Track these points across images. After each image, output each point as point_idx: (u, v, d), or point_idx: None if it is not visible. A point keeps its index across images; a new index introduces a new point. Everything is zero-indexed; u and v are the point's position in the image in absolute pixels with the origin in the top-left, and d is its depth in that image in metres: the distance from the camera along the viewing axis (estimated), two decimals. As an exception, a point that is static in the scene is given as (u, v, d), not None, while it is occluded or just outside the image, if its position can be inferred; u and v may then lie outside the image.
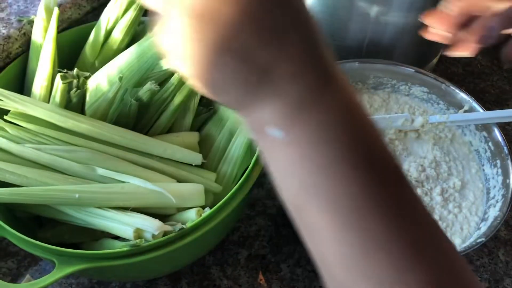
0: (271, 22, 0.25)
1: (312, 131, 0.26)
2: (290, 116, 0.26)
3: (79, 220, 0.52)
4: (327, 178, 0.26)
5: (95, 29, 0.63)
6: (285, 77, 0.25)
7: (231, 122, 0.59)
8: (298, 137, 0.26)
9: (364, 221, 0.27)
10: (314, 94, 0.26)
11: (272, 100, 0.26)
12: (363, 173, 0.26)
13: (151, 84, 0.55)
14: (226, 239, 0.67)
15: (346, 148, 0.26)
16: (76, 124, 0.54)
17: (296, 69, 0.25)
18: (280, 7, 0.25)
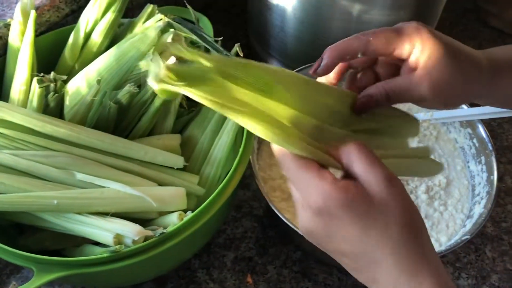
0: (363, 257, 0.35)
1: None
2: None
3: (58, 226, 0.51)
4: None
5: (74, 32, 0.62)
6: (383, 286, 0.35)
7: (213, 123, 0.58)
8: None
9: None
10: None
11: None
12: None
13: (130, 86, 0.54)
14: (212, 241, 0.66)
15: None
16: (55, 128, 0.53)
17: (388, 280, 0.35)
18: (369, 247, 0.35)
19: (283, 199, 0.64)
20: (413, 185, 0.64)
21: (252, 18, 0.80)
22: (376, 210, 0.34)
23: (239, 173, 0.53)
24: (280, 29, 0.73)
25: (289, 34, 0.72)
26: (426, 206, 0.63)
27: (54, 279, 0.46)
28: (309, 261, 0.65)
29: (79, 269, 0.47)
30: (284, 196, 0.64)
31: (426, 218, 0.62)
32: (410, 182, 0.65)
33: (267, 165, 0.67)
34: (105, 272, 0.47)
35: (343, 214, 0.34)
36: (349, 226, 0.34)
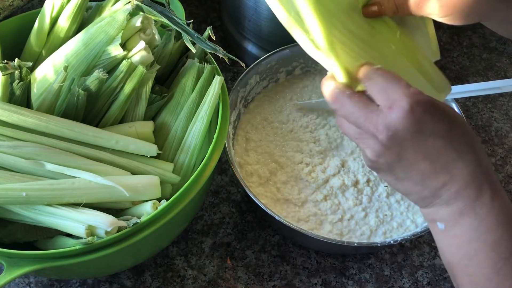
0: (442, 157, 0.37)
1: (468, 231, 0.37)
2: (453, 219, 0.38)
3: (28, 219, 0.49)
4: (473, 266, 0.38)
5: (40, 17, 0.60)
6: (451, 195, 0.37)
7: (187, 109, 0.57)
8: (458, 234, 0.38)
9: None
10: (472, 205, 0.37)
11: (441, 207, 0.38)
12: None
13: (99, 72, 0.52)
14: (189, 228, 0.66)
15: (489, 246, 0.37)
16: (21, 118, 0.51)
17: (460, 187, 0.37)
18: (451, 142, 0.37)
19: (260, 184, 0.63)
20: (390, 166, 0.65)
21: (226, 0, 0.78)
22: (454, 113, 0.38)
23: (214, 159, 0.53)
24: (254, 11, 0.71)
25: (263, 16, 0.71)
26: (403, 188, 0.63)
27: (25, 273, 0.45)
28: (288, 245, 0.65)
29: (51, 262, 0.46)
30: (261, 181, 0.63)
31: (402, 199, 0.63)
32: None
33: (243, 150, 0.66)
34: (78, 264, 0.47)
35: (433, 110, 0.36)
36: (439, 120, 0.37)
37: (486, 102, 0.81)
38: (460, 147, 0.37)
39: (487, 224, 0.37)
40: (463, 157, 0.37)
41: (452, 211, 0.38)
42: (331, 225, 0.60)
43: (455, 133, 0.37)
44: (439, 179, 0.37)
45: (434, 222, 0.39)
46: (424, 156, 0.37)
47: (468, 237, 0.38)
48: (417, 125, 0.36)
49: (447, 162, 0.37)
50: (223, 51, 0.57)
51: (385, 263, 0.64)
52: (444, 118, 0.37)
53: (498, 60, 0.87)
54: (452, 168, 0.37)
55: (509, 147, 0.76)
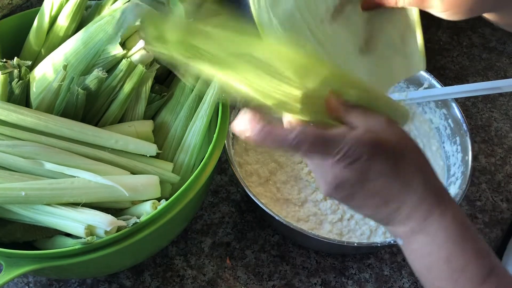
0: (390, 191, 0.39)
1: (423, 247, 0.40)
2: (409, 237, 0.40)
3: (27, 218, 0.49)
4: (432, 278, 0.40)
5: (39, 15, 0.60)
6: (403, 217, 0.39)
7: (186, 108, 0.57)
8: (415, 249, 0.40)
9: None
10: (423, 224, 0.39)
11: (398, 226, 0.40)
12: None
13: (98, 71, 0.52)
14: (189, 228, 0.65)
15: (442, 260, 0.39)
16: (21, 117, 0.51)
17: (411, 210, 0.39)
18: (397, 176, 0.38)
19: (260, 184, 0.63)
20: (390, 166, 0.64)
21: None
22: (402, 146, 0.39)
23: (213, 159, 0.52)
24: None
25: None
26: (402, 187, 0.63)
27: (24, 273, 0.45)
28: (287, 244, 0.64)
29: (50, 262, 0.46)
30: (261, 181, 0.63)
31: (402, 199, 0.62)
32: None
33: (243, 149, 0.66)
34: (78, 264, 0.46)
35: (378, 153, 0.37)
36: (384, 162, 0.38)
37: (486, 102, 0.81)
38: (406, 177, 0.39)
39: (437, 240, 0.39)
40: (410, 185, 0.39)
41: (406, 230, 0.40)
42: (331, 225, 0.60)
43: (401, 166, 0.38)
44: (391, 207, 0.39)
45: (396, 237, 0.42)
46: (373, 194, 0.39)
47: (423, 252, 0.40)
48: (362, 175, 0.38)
49: (396, 194, 0.39)
50: (223, 50, 0.56)
51: (385, 263, 0.64)
52: (388, 156, 0.38)
53: (498, 60, 0.87)
54: (401, 197, 0.39)
55: (509, 147, 0.76)
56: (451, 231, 0.39)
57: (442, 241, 0.39)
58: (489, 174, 0.73)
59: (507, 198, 0.70)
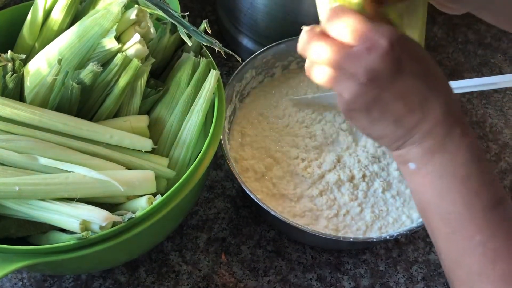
0: (417, 96, 0.37)
1: (439, 168, 0.39)
2: (424, 158, 0.39)
3: (21, 213, 0.49)
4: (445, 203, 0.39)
5: (33, 9, 0.59)
6: (423, 133, 0.38)
7: (182, 103, 0.57)
8: (430, 171, 0.39)
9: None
10: (442, 141, 0.38)
11: (413, 146, 0.39)
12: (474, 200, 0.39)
13: (93, 65, 0.51)
14: (184, 223, 0.65)
15: (459, 181, 0.39)
16: (14, 111, 0.50)
17: (432, 125, 0.38)
18: (425, 81, 0.37)
19: (256, 179, 0.63)
20: (385, 162, 0.64)
21: (221, -7, 0.78)
22: (433, 62, 0.38)
23: (209, 154, 0.52)
24: (250, 5, 0.71)
25: (259, 10, 0.70)
26: (398, 183, 0.63)
27: (17, 268, 0.44)
28: (283, 240, 0.64)
29: (44, 257, 0.45)
30: (257, 176, 0.63)
31: (398, 195, 0.63)
32: (382, 159, 0.65)
33: (238, 145, 0.66)
34: (72, 259, 0.46)
35: (410, 49, 0.37)
36: (416, 59, 0.37)
37: (480, 98, 0.81)
38: (434, 87, 0.38)
39: (457, 159, 0.38)
40: (436, 97, 0.38)
41: (423, 149, 0.39)
42: (326, 221, 0.60)
43: (429, 73, 0.38)
44: (413, 118, 0.38)
45: (406, 163, 0.40)
46: (401, 95, 0.38)
47: (439, 173, 0.39)
48: (396, 64, 0.36)
49: (421, 102, 0.38)
50: (219, 44, 0.56)
51: (380, 258, 0.64)
52: (419, 58, 0.38)
53: (492, 56, 0.87)
54: (426, 107, 0.38)
55: (504, 143, 0.76)
56: (471, 151, 0.38)
57: (462, 160, 0.38)
58: (484, 170, 0.73)
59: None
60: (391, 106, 0.38)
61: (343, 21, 0.37)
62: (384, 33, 0.36)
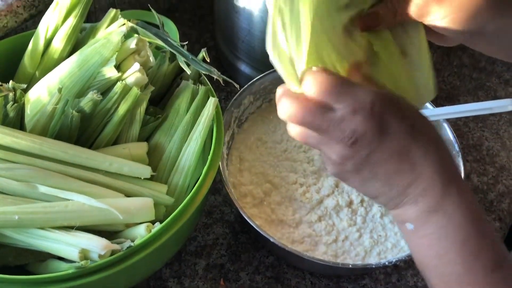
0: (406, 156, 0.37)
1: (437, 230, 0.38)
2: (421, 219, 0.38)
3: (20, 242, 0.49)
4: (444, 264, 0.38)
5: (34, 38, 0.60)
6: (418, 194, 0.37)
7: (181, 130, 0.57)
8: (428, 233, 0.38)
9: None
10: (439, 202, 0.37)
11: (409, 207, 0.38)
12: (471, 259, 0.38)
13: (93, 94, 0.52)
14: (183, 249, 0.65)
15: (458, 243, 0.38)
16: (15, 140, 0.51)
17: (427, 185, 0.37)
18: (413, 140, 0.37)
19: (254, 205, 0.63)
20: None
21: (219, 20, 0.79)
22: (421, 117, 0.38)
23: (208, 181, 0.52)
24: (248, 32, 0.72)
25: (256, 37, 0.71)
26: (396, 208, 0.63)
27: (15, 298, 0.44)
28: (282, 266, 0.64)
29: (43, 286, 0.45)
30: (255, 202, 0.63)
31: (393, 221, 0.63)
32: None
33: (237, 170, 0.66)
34: (71, 288, 0.46)
35: (393, 110, 0.36)
36: (400, 119, 0.36)
37: (477, 121, 0.82)
38: (424, 145, 0.37)
39: (455, 221, 0.37)
40: (427, 155, 0.37)
41: (420, 210, 0.38)
42: (325, 246, 0.60)
43: (418, 131, 0.37)
44: (405, 178, 0.37)
45: (404, 223, 0.39)
46: (390, 155, 0.37)
47: (438, 235, 0.38)
48: (380, 125, 0.36)
49: (412, 161, 0.37)
50: (217, 72, 0.57)
51: (380, 283, 0.63)
52: (405, 116, 0.37)
53: (488, 80, 0.88)
54: (418, 167, 0.37)
55: (500, 166, 0.76)
56: (469, 211, 0.37)
57: (460, 221, 0.37)
58: (481, 193, 0.73)
59: (500, 217, 0.71)
60: (381, 167, 0.37)
61: (323, 83, 0.36)
62: (365, 95, 0.36)
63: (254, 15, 0.69)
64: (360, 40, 0.42)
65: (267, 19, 0.38)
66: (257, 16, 0.69)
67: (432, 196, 0.37)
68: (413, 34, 0.44)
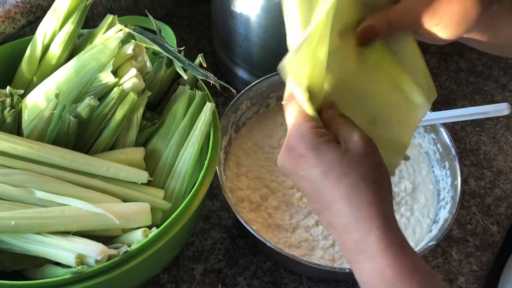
0: (319, 201, 0.39)
1: (359, 275, 0.39)
2: (348, 261, 0.40)
3: (17, 247, 0.49)
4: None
5: (31, 44, 0.60)
6: (339, 232, 0.39)
7: (177, 135, 0.57)
8: (356, 275, 0.39)
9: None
10: (352, 255, 0.38)
11: (340, 245, 0.40)
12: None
13: (90, 99, 0.52)
14: (180, 254, 0.65)
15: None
16: (12, 146, 0.51)
17: (340, 228, 0.38)
18: (320, 191, 0.38)
19: (251, 210, 0.63)
20: (380, 191, 0.65)
21: (216, 26, 0.79)
22: (345, 160, 0.37)
23: (205, 185, 0.53)
24: (245, 38, 0.72)
25: (253, 43, 0.72)
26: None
27: (12, 303, 0.44)
28: (279, 271, 0.64)
29: (39, 292, 0.45)
30: (252, 207, 0.63)
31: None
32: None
33: (234, 175, 0.66)
34: (68, 293, 0.46)
35: (309, 156, 0.38)
36: (312, 166, 0.38)
37: (474, 125, 0.82)
38: (330, 198, 0.38)
39: (373, 282, 0.37)
40: (333, 208, 0.38)
41: (344, 254, 0.40)
42: (322, 251, 0.60)
43: (328, 183, 0.38)
44: (323, 218, 0.40)
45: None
46: (304, 193, 0.40)
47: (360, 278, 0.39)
48: (294, 165, 0.39)
49: (321, 207, 0.39)
50: (214, 77, 0.57)
51: (377, 288, 0.63)
52: (318, 165, 0.38)
53: (484, 84, 0.88)
54: (328, 215, 0.39)
55: (498, 170, 0.77)
56: (386, 276, 0.36)
57: (377, 284, 0.37)
58: (479, 198, 0.73)
59: (498, 221, 0.71)
60: (310, 200, 0.40)
61: (287, 113, 0.41)
62: (292, 135, 0.39)
63: (251, 20, 0.69)
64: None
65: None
66: (254, 21, 0.69)
67: (347, 248, 0.38)
68: (404, 41, 0.44)
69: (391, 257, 0.36)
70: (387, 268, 0.36)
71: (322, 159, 0.38)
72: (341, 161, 0.38)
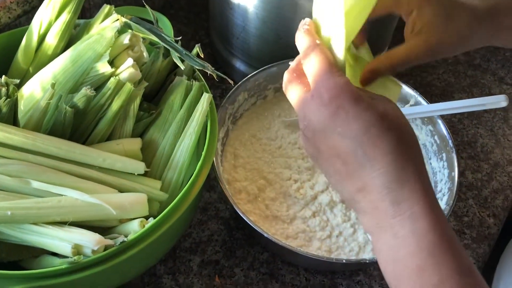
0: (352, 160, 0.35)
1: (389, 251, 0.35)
2: (374, 232, 0.36)
3: (13, 238, 0.49)
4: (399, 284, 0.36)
5: (27, 34, 0.60)
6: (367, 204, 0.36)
7: (174, 126, 0.57)
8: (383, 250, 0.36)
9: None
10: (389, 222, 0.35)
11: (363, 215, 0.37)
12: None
13: (86, 89, 0.52)
14: (177, 246, 0.65)
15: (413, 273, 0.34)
16: (8, 136, 0.50)
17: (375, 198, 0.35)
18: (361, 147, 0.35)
19: (249, 201, 0.63)
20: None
21: (214, 17, 0.79)
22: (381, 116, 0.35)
23: (202, 176, 0.52)
24: (242, 29, 0.72)
25: (251, 34, 0.71)
26: (390, 204, 0.64)
27: (8, 294, 0.44)
28: (276, 262, 0.64)
29: (36, 282, 0.45)
30: (250, 198, 0.63)
31: (390, 215, 0.63)
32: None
33: (231, 166, 0.66)
34: (64, 283, 0.46)
35: (350, 107, 0.35)
36: (352, 119, 0.35)
37: (471, 118, 0.82)
38: (372, 154, 0.34)
39: (409, 247, 0.34)
40: (373, 165, 0.34)
41: (372, 222, 0.36)
42: (319, 242, 0.60)
43: (370, 137, 0.34)
44: (353, 183, 0.36)
45: (365, 230, 0.39)
46: (336, 154, 0.36)
47: (391, 257, 0.35)
48: (329, 120, 0.35)
49: (357, 167, 0.35)
50: (211, 68, 0.57)
51: (374, 279, 0.63)
52: (360, 118, 0.35)
53: (482, 77, 0.88)
54: (364, 175, 0.35)
55: (495, 163, 0.77)
56: (426, 240, 0.33)
57: (414, 250, 0.33)
58: (475, 190, 0.73)
59: (494, 213, 0.71)
60: (331, 163, 0.37)
61: (309, 63, 0.38)
62: (329, 86, 0.36)
63: (249, 11, 0.69)
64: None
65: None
66: (252, 12, 0.69)
67: (381, 212, 0.34)
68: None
69: (432, 222, 0.34)
70: (429, 233, 0.33)
71: (364, 111, 0.34)
72: (383, 117, 0.35)
